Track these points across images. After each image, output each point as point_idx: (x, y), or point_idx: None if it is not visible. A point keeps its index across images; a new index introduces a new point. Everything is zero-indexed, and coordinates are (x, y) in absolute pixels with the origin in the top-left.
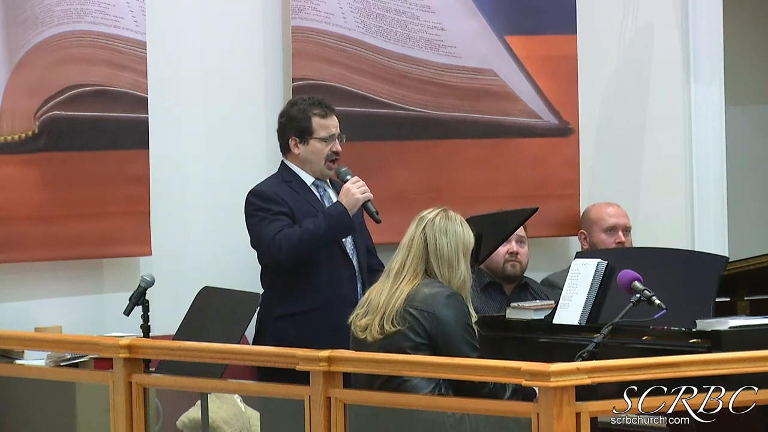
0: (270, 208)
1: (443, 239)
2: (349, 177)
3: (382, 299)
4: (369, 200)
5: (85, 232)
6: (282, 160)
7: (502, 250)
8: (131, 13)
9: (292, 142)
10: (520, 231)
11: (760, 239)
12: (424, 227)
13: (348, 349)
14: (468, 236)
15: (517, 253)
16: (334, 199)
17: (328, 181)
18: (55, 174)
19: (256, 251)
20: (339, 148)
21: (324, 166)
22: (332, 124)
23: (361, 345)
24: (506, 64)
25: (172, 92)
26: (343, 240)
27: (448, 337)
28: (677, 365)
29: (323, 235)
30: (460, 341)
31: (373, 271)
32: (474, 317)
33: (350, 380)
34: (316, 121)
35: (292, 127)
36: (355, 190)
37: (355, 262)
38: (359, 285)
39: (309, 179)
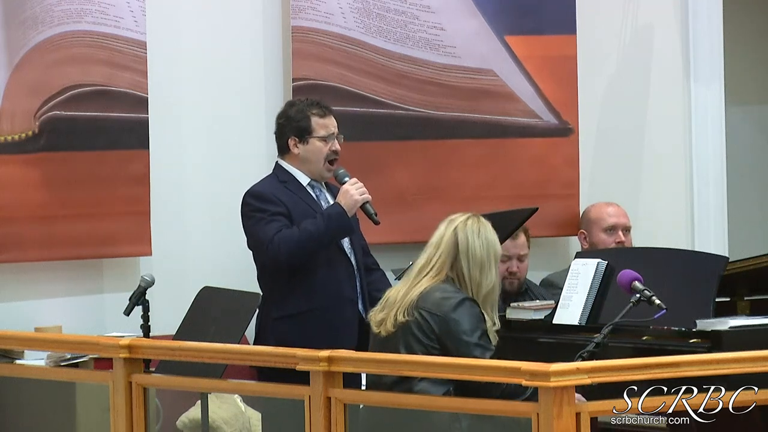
0: (267, 209)
1: (476, 241)
2: (347, 178)
3: (400, 295)
4: (368, 202)
5: (85, 232)
6: (277, 162)
7: (502, 267)
8: (131, 13)
9: (291, 142)
10: (523, 249)
11: (760, 239)
12: (456, 227)
13: (349, 348)
14: (498, 245)
15: (516, 272)
16: (330, 200)
17: (323, 182)
18: (55, 174)
19: (252, 252)
20: (338, 147)
21: (323, 167)
22: (331, 123)
23: (376, 340)
24: (506, 64)
25: (172, 92)
26: None
27: (458, 341)
28: (677, 365)
29: (322, 236)
30: (469, 345)
31: (369, 269)
32: (497, 325)
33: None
34: (315, 121)
35: (292, 127)
36: (354, 191)
37: (353, 260)
38: (358, 283)
39: (305, 180)
